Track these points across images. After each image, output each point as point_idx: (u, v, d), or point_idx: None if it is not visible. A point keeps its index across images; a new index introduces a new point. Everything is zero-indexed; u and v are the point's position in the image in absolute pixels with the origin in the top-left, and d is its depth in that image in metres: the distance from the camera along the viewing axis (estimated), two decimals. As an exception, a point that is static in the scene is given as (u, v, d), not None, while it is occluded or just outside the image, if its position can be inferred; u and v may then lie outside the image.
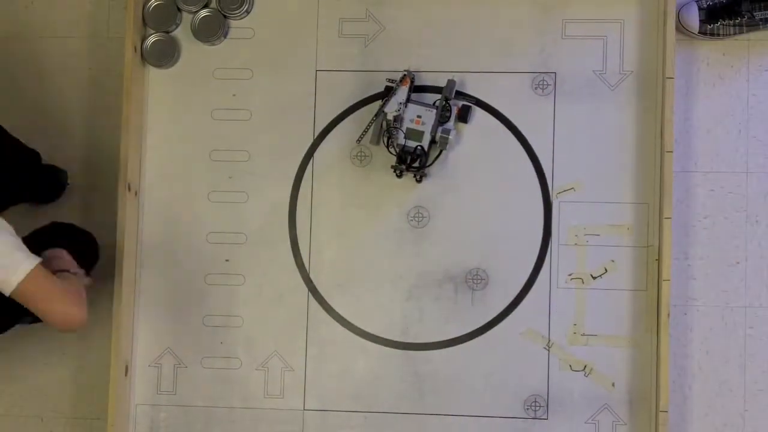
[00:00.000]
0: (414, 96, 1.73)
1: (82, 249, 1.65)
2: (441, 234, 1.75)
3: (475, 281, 1.74)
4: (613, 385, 1.72)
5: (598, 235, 1.74)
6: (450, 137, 1.70)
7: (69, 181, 1.86)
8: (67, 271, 1.50)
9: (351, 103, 1.79)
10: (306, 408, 1.75)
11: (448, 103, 1.73)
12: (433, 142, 1.71)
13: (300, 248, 1.77)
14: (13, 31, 1.91)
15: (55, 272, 1.44)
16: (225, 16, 1.79)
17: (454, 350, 1.74)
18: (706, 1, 1.79)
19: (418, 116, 1.71)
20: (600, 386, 1.72)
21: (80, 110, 1.88)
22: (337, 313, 1.76)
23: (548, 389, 1.72)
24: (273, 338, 1.76)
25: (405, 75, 1.73)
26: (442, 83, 1.75)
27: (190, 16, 1.80)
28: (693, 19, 1.78)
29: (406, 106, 1.71)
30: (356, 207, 1.77)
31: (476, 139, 1.76)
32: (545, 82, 1.76)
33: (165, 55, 1.80)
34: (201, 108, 1.80)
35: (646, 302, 1.72)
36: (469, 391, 1.73)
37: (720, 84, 1.82)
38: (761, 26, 1.78)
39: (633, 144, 1.74)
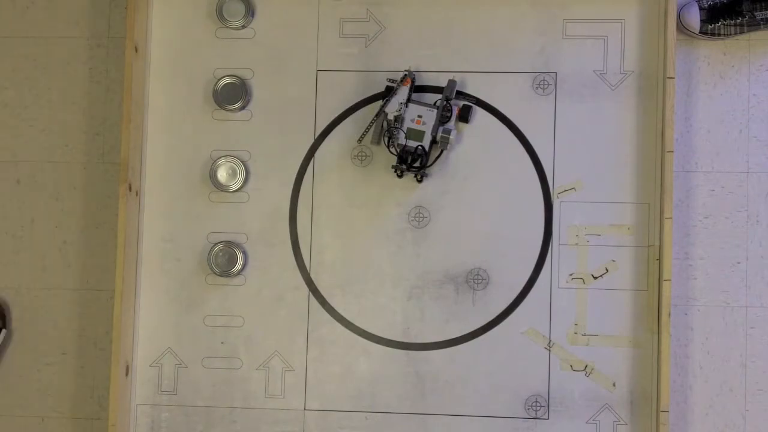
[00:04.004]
0: (415, 96, 1.73)
1: None
2: (442, 234, 1.75)
3: (475, 281, 1.74)
4: (613, 385, 1.72)
5: (598, 235, 1.74)
6: (451, 137, 1.70)
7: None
8: None
9: (352, 103, 1.78)
10: (307, 408, 1.75)
11: (449, 103, 1.73)
12: (433, 142, 1.71)
13: (301, 248, 1.77)
14: (14, 31, 1.90)
15: None
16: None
17: (455, 350, 1.74)
18: (707, 1, 1.79)
19: (419, 116, 1.71)
20: (601, 386, 1.72)
21: (80, 110, 1.88)
22: (338, 313, 1.76)
23: (549, 389, 1.72)
24: (274, 338, 1.76)
25: (406, 75, 1.72)
26: (443, 83, 1.75)
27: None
28: (694, 18, 1.78)
29: (406, 106, 1.71)
30: (357, 207, 1.77)
31: (477, 139, 1.76)
32: (546, 82, 1.76)
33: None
34: (201, 108, 1.80)
35: (646, 302, 1.72)
36: (470, 391, 1.73)
37: (721, 84, 1.82)
38: (762, 26, 1.78)
39: (633, 144, 1.74)
